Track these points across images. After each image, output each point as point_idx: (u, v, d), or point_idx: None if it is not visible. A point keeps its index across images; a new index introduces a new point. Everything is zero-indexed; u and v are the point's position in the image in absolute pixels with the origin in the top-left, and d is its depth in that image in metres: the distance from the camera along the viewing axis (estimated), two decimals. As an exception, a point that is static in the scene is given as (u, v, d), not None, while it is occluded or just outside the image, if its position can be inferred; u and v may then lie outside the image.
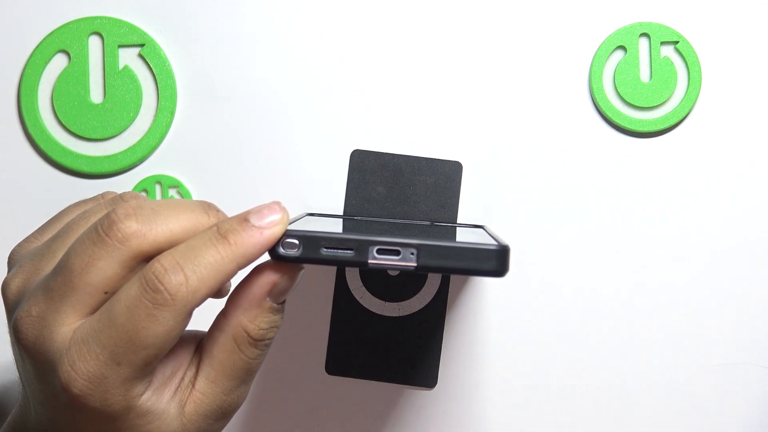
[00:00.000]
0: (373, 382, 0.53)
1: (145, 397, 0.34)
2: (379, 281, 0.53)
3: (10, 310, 0.36)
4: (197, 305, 0.33)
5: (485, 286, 0.53)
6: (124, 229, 0.33)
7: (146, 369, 0.33)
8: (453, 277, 0.53)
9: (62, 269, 0.34)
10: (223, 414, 0.36)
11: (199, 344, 0.37)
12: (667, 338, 0.53)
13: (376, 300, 0.53)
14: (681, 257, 0.53)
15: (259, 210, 0.34)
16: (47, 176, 0.54)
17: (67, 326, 0.33)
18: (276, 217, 0.34)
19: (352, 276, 0.53)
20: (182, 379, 0.35)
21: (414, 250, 0.34)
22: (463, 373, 0.53)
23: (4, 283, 0.36)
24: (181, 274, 0.32)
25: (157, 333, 0.32)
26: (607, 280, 0.53)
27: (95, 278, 0.33)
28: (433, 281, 0.53)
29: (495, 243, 0.35)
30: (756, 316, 0.52)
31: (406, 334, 0.53)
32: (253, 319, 0.34)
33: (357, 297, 0.53)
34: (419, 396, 0.53)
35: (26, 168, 0.54)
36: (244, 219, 0.34)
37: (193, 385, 0.35)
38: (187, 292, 0.32)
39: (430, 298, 0.53)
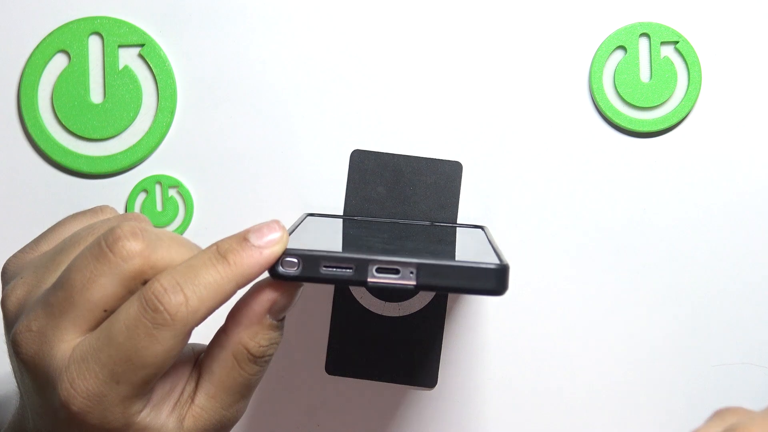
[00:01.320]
0: (373, 382, 0.53)
1: (144, 413, 0.34)
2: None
3: (10, 323, 0.36)
4: (197, 325, 0.33)
5: (485, 286, 0.53)
6: (128, 247, 0.33)
7: (145, 387, 0.33)
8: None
9: (63, 284, 0.33)
10: (222, 427, 0.36)
11: (198, 358, 0.37)
12: (667, 338, 0.53)
13: (376, 300, 0.53)
14: (681, 257, 0.53)
15: (258, 229, 0.34)
16: (47, 176, 0.54)
17: (67, 343, 0.33)
18: (275, 236, 0.34)
19: (352, 276, 0.53)
20: (181, 393, 0.35)
21: (413, 270, 0.34)
22: (463, 373, 0.53)
23: (5, 294, 0.36)
24: (181, 295, 0.32)
25: (157, 353, 0.32)
26: (607, 280, 0.53)
27: (96, 295, 0.33)
28: (433, 281, 0.53)
29: (495, 262, 0.35)
30: (756, 316, 0.52)
31: (406, 334, 0.53)
32: (253, 336, 0.34)
33: (357, 297, 0.53)
34: (419, 396, 0.53)
35: (26, 168, 0.54)
36: (243, 238, 0.34)
37: (192, 400, 0.35)
38: (186, 312, 0.32)
39: (430, 298, 0.53)
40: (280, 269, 0.34)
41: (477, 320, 0.53)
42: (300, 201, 0.53)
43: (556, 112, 0.53)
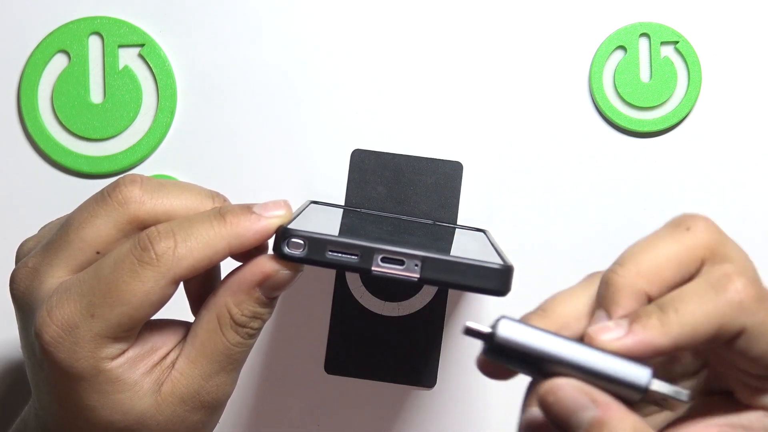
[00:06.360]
0: (373, 382, 0.53)
1: (116, 363, 0.34)
2: (379, 281, 0.53)
3: (19, 301, 0.36)
4: (181, 275, 0.34)
5: (485, 286, 0.53)
6: (125, 192, 0.34)
7: (118, 329, 0.33)
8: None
9: (63, 225, 0.35)
10: (201, 404, 0.35)
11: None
12: (667, 338, 0.53)
13: (376, 300, 0.53)
14: (681, 257, 0.53)
15: (265, 203, 0.35)
16: (47, 176, 0.54)
17: (56, 279, 0.34)
18: (279, 212, 0.35)
19: (352, 276, 0.53)
20: (163, 358, 0.35)
21: (418, 262, 0.34)
22: (463, 373, 0.53)
23: (14, 271, 0.36)
24: (171, 240, 0.33)
25: (135, 291, 0.33)
26: (607, 280, 0.53)
27: (89, 234, 0.34)
28: (433, 281, 0.53)
29: (499, 262, 0.35)
30: (756, 316, 0.52)
31: (406, 334, 0.53)
32: (238, 302, 0.35)
33: (357, 297, 0.53)
34: (419, 396, 0.53)
35: (26, 168, 0.54)
36: (247, 206, 0.35)
37: (174, 366, 0.35)
38: (172, 257, 0.33)
39: (430, 298, 0.53)
40: (286, 249, 0.34)
41: (477, 320, 0.53)
42: (301, 201, 0.53)
43: (557, 112, 0.53)
